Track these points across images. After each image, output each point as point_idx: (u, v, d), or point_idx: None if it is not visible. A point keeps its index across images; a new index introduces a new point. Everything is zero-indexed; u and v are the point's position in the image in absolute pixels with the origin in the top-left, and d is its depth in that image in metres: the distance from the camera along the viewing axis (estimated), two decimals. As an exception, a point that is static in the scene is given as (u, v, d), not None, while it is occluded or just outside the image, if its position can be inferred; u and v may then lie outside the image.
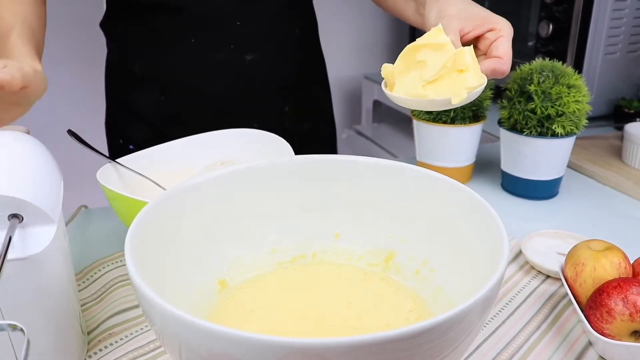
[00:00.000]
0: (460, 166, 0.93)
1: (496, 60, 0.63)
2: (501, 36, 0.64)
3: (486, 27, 0.65)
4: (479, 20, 0.65)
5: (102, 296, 0.64)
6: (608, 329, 0.53)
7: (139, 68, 0.96)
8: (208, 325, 0.34)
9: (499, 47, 0.64)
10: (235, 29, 0.90)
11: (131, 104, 1.00)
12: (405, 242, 0.57)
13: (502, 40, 0.64)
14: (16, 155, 0.48)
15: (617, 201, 0.91)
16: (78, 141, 0.76)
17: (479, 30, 0.65)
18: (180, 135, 0.83)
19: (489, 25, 0.65)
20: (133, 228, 0.45)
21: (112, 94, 1.04)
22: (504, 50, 0.63)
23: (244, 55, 0.93)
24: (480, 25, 0.65)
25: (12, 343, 0.45)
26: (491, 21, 0.65)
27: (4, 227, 0.44)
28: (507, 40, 0.64)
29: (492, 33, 0.65)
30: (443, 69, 0.60)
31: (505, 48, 0.63)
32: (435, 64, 0.60)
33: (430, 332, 0.35)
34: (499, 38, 0.64)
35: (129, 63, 0.97)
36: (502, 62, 0.63)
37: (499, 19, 0.66)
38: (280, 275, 0.58)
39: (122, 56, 0.99)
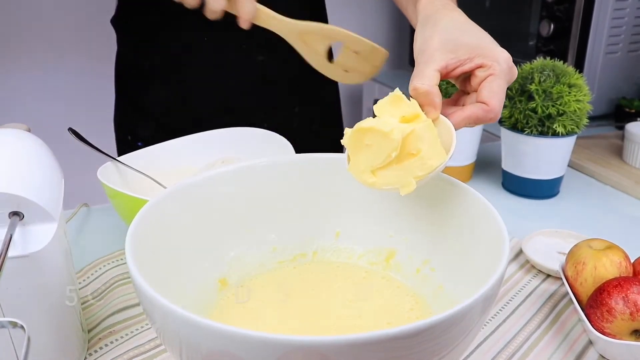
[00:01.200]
0: (461, 165, 0.93)
1: (480, 107, 0.52)
2: (491, 75, 0.52)
3: (475, 63, 0.53)
4: (466, 54, 0.54)
5: (103, 294, 0.64)
6: (608, 328, 0.53)
7: (150, 65, 0.96)
8: (209, 323, 0.34)
9: (486, 89, 0.52)
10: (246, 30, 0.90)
11: (141, 101, 1.00)
12: (405, 241, 0.57)
13: (491, 80, 0.52)
14: (17, 153, 0.48)
15: (617, 200, 0.91)
16: (79, 139, 0.76)
17: (466, 67, 0.54)
18: (189, 134, 0.84)
19: (479, 61, 0.53)
20: (134, 226, 0.45)
21: (121, 91, 1.04)
22: (490, 95, 0.51)
23: (255, 55, 0.93)
24: (469, 60, 0.53)
25: (12, 341, 0.45)
26: (482, 55, 0.53)
27: (4, 225, 0.44)
28: (497, 80, 0.52)
29: (482, 70, 0.53)
30: (387, 158, 0.50)
31: (493, 91, 0.52)
32: (380, 152, 0.50)
33: (431, 330, 0.35)
34: (488, 77, 0.53)
35: (139, 60, 0.97)
36: (486, 110, 0.51)
37: (492, 52, 0.53)
38: (280, 274, 0.58)
39: (133, 53, 0.99)
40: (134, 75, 1.00)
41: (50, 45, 1.98)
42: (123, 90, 1.03)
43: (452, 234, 0.53)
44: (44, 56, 1.99)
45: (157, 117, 0.99)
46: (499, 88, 0.52)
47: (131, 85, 1.01)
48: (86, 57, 1.99)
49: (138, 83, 0.99)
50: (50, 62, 2.01)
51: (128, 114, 1.04)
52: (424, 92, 0.51)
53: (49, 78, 2.02)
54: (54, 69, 2.02)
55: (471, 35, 0.55)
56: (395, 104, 0.51)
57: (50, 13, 1.95)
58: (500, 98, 0.52)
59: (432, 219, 0.55)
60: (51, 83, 2.03)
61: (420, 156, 0.49)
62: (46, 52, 1.99)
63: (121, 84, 1.03)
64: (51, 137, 0.70)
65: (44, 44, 1.98)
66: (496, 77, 0.52)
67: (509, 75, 0.54)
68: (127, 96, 1.03)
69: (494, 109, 0.51)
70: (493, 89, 0.52)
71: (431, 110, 0.51)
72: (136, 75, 0.99)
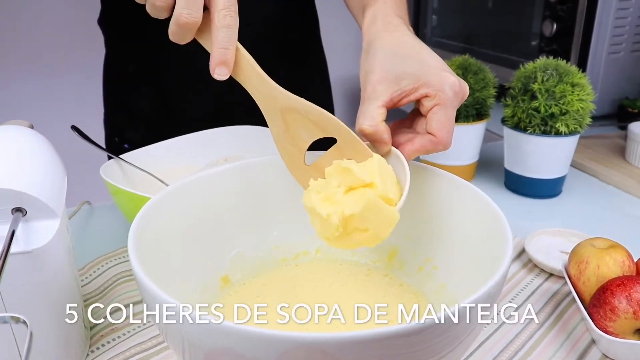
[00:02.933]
0: (464, 164, 0.93)
1: (428, 139, 0.50)
2: (437, 105, 0.50)
3: (419, 94, 0.50)
4: (410, 84, 0.51)
5: (105, 291, 0.64)
6: (611, 327, 0.53)
7: (135, 66, 0.96)
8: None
9: (433, 121, 0.50)
10: None
11: (127, 103, 1.00)
12: (408, 239, 0.57)
13: (437, 111, 0.50)
14: (20, 149, 0.48)
15: (620, 200, 0.91)
16: (82, 137, 0.76)
17: (411, 97, 0.51)
18: (176, 135, 0.83)
19: (424, 91, 0.50)
20: (136, 223, 0.45)
21: (109, 92, 1.03)
22: (437, 126, 0.50)
23: None
24: (413, 90, 0.51)
25: (14, 336, 0.45)
26: (426, 84, 0.50)
27: (7, 221, 0.44)
28: (443, 110, 0.50)
29: (428, 100, 0.50)
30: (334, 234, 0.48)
31: (440, 122, 0.50)
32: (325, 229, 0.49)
33: (434, 328, 0.35)
34: (434, 107, 0.50)
35: (124, 61, 0.97)
36: (434, 142, 0.50)
37: (437, 80, 0.50)
38: (283, 271, 0.58)
39: (118, 54, 0.99)
40: (119, 76, 0.99)
41: (54, 43, 1.99)
42: (110, 92, 1.03)
43: (454, 232, 0.53)
44: (47, 54, 1.99)
45: (142, 118, 0.99)
46: (446, 117, 0.50)
47: (117, 87, 1.01)
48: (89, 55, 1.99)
49: (123, 84, 0.99)
50: (54, 58, 2.01)
51: (116, 115, 1.03)
52: (371, 132, 0.51)
53: (53, 74, 2.03)
54: (58, 65, 2.02)
55: (414, 62, 0.52)
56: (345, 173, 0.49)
57: (54, 11, 1.95)
58: (448, 128, 0.50)
59: (434, 217, 0.55)
60: (55, 80, 2.03)
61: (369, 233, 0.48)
62: (50, 48, 1.99)
63: (108, 85, 1.03)
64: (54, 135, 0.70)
65: (47, 42, 1.98)
66: (442, 107, 0.50)
67: (457, 101, 0.51)
68: (114, 97, 1.02)
69: (442, 141, 0.50)
70: (440, 120, 0.50)
71: (382, 147, 0.51)
72: (122, 77, 0.99)
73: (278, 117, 0.51)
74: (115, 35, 0.98)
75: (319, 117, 0.50)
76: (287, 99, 0.50)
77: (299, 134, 0.51)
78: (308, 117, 0.50)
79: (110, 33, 0.98)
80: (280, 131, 0.51)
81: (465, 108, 0.89)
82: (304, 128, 0.51)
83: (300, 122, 0.51)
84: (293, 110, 0.50)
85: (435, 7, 1.94)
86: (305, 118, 0.50)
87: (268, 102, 0.50)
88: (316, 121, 0.50)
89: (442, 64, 0.52)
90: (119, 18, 0.95)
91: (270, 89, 0.50)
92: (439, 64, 0.52)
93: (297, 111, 0.50)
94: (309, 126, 0.51)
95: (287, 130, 0.51)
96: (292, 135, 0.51)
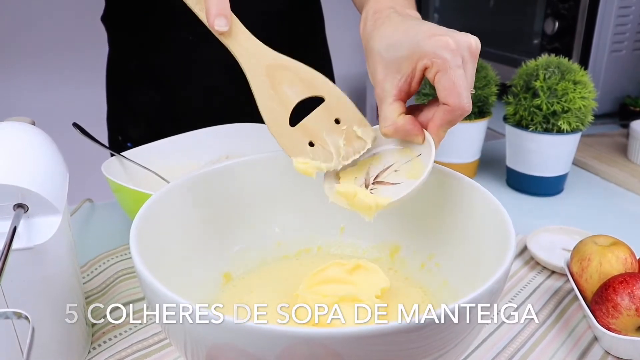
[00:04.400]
0: (465, 162, 0.93)
1: (443, 110, 0.48)
2: (437, 72, 0.47)
3: (419, 70, 0.48)
4: (409, 66, 0.48)
5: (107, 289, 0.64)
6: (614, 324, 0.53)
7: (137, 64, 0.96)
8: (213, 315, 0.34)
9: (439, 90, 0.47)
10: None
11: (130, 101, 1.00)
12: (410, 236, 0.57)
13: (439, 78, 0.47)
14: (22, 145, 0.48)
15: (622, 198, 0.90)
16: (83, 134, 0.76)
17: (416, 78, 0.49)
18: (178, 133, 0.83)
19: (421, 65, 0.48)
20: (138, 219, 0.45)
21: (111, 90, 1.03)
22: (445, 93, 0.47)
23: None
24: (412, 71, 0.49)
25: (16, 333, 0.45)
26: (420, 57, 0.47)
27: (9, 217, 0.44)
28: (444, 75, 0.47)
29: (429, 71, 0.48)
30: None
31: (447, 88, 0.47)
32: None
33: (437, 323, 0.35)
34: (436, 76, 0.47)
35: (127, 59, 0.97)
36: (449, 111, 0.47)
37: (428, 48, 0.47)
38: (284, 269, 0.58)
39: (121, 52, 0.99)
40: (122, 74, 0.99)
41: (57, 40, 1.99)
42: (113, 90, 1.03)
43: (457, 229, 0.53)
44: (49, 51, 1.99)
45: (145, 116, 0.99)
46: (450, 82, 0.46)
47: (119, 84, 1.01)
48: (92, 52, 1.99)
49: (125, 82, 0.99)
50: (56, 55, 2.01)
51: (118, 113, 1.03)
52: (393, 132, 0.50)
53: (55, 71, 2.03)
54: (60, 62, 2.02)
55: (404, 43, 0.49)
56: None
57: (57, 7, 1.95)
58: (457, 91, 0.46)
59: (437, 214, 0.55)
60: (57, 77, 2.03)
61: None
62: (52, 44, 1.99)
63: (110, 82, 1.03)
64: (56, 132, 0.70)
65: (50, 38, 1.98)
66: (443, 72, 0.47)
67: (457, 59, 0.47)
68: (116, 95, 1.02)
69: (456, 106, 0.47)
70: (445, 86, 0.47)
71: (413, 139, 0.50)
72: (125, 75, 0.99)
73: (262, 73, 0.49)
74: (119, 33, 0.98)
75: (308, 74, 0.49)
76: (275, 55, 0.49)
77: (284, 92, 0.49)
78: (298, 74, 0.49)
79: (114, 30, 0.98)
80: (264, 87, 0.49)
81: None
82: (291, 86, 0.49)
83: (288, 79, 0.49)
84: (281, 67, 0.49)
85: (437, 6, 1.94)
86: (294, 75, 0.49)
87: (253, 59, 0.49)
88: (305, 78, 0.49)
89: (433, 29, 0.48)
90: (123, 16, 0.95)
91: (257, 45, 0.49)
92: (430, 29, 0.48)
93: (286, 67, 0.49)
94: (297, 84, 0.49)
95: (272, 88, 0.49)
96: (277, 92, 0.49)
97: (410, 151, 0.51)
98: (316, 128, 0.50)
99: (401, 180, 0.50)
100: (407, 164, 0.51)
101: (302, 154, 0.49)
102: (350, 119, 0.50)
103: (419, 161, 0.50)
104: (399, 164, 0.51)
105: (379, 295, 0.49)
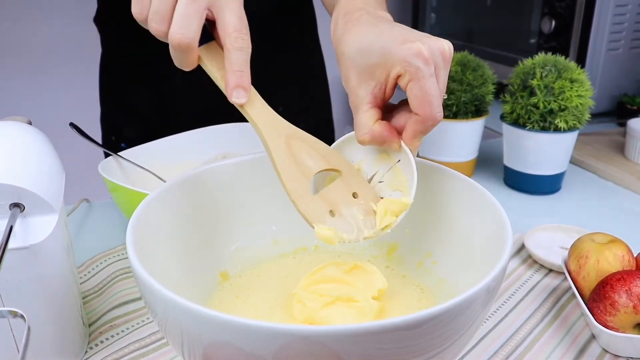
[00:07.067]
0: (463, 161, 0.93)
1: (415, 120, 0.47)
2: (410, 80, 0.46)
3: (392, 77, 0.47)
4: (382, 73, 0.47)
5: (104, 289, 0.64)
6: (612, 322, 0.53)
7: (130, 64, 0.95)
8: (210, 313, 0.34)
9: (411, 99, 0.46)
10: None
11: (124, 101, 1.00)
12: (408, 234, 0.57)
13: (411, 87, 0.46)
14: (18, 144, 0.47)
15: (619, 196, 0.90)
16: (80, 134, 0.76)
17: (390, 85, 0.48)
18: (173, 133, 0.83)
19: (394, 72, 0.47)
20: (134, 218, 0.45)
21: (105, 91, 1.03)
22: (416, 103, 0.46)
23: None
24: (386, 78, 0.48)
25: (12, 332, 0.45)
26: (392, 64, 0.46)
27: (5, 216, 0.44)
28: (416, 84, 0.45)
29: (402, 79, 0.46)
30: None
31: (418, 98, 0.45)
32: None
33: (433, 321, 0.35)
34: (408, 84, 0.46)
35: (120, 60, 0.97)
36: (420, 121, 0.46)
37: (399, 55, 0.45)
38: (282, 267, 0.58)
39: (113, 53, 0.98)
40: (116, 75, 0.99)
41: (53, 40, 1.98)
42: (107, 91, 1.03)
43: (454, 227, 0.53)
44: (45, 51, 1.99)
45: (138, 117, 0.99)
46: (421, 91, 0.45)
47: (114, 86, 1.00)
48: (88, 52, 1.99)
49: (120, 83, 0.99)
50: (51, 56, 2.01)
51: (112, 114, 1.03)
52: (370, 140, 0.49)
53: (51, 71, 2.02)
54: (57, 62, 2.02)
55: (376, 49, 0.47)
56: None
57: (53, 7, 1.95)
58: (428, 101, 0.45)
59: (434, 213, 0.55)
60: (54, 77, 2.03)
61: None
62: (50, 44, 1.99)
63: (105, 84, 1.03)
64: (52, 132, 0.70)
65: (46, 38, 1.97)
66: (415, 81, 0.45)
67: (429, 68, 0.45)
68: (110, 96, 1.02)
69: (427, 117, 0.46)
70: (417, 95, 0.46)
71: (389, 145, 0.50)
72: (118, 76, 0.99)
73: (282, 142, 0.49)
74: (111, 34, 0.97)
75: (324, 149, 0.50)
76: (291, 126, 0.50)
77: (304, 161, 0.49)
78: (313, 147, 0.50)
79: (106, 31, 0.98)
80: (285, 155, 0.49)
81: (464, 105, 0.89)
82: (310, 156, 0.49)
83: (305, 150, 0.49)
84: (298, 138, 0.49)
85: (433, 5, 1.94)
86: (310, 147, 0.50)
87: (272, 128, 0.49)
88: (321, 150, 0.50)
89: (405, 33, 0.47)
90: (114, 17, 0.95)
91: (274, 116, 0.49)
92: (402, 34, 0.47)
93: (303, 139, 0.50)
94: (314, 155, 0.50)
95: (292, 156, 0.49)
96: (297, 161, 0.49)
97: (389, 157, 0.51)
98: (336, 199, 0.50)
99: (388, 194, 0.51)
100: (388, 172, 0.51)
101: (323, 221, 0.49)
102: (367, 196, 0.51)
103: (399, 169, 0.50)
104: (381, 173, 0.52)
105: (376, 296, 0.49)
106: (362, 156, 0.53)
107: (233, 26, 0.46)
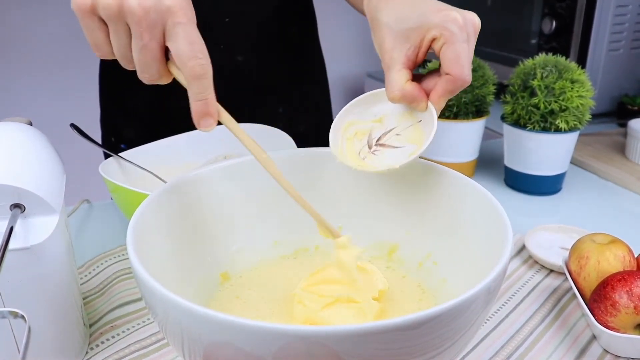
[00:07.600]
0: (463, 162, 0.93)
1: (446, 79, 0.50)
2: (444, 43, 0.50)
3: (427, 40, 0.51)
4: (418, 36, 0.51)
5: (104, 289, 0.64)
6: (612, 322, 0.53)
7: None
8: (210, 313, 0.34)
9: (444, 60, 0.50)
10: (224, 29, 0.89)
11: (123, 102, 0.99)
12: (408, 235, 0.57)
13: (445, 49, 0.50)
14: (18, 145, 0.48)
15: (620, 197, 0.90)
16: (81, 135, 0.76)
17: (423, 48, 0.52)
18: (173, 134, 0.83)
19: (429, 36, 0.51)
20: (135, 219, 0.45)
21: (104, 92, 1.03)
22: (449, 64, 0.50)
23: (234, 56, 0.91)
24: (421, 41, 0.51)
25: (13, 333, 0.45)
26: (429, 28, 0.50)
27: (6, 217, 0.44)
28: (450, 46, 0.50)
29: (436, 42, 0.51)
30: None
31: (452, 60, 0.50)
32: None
33: (433, 322, 0.35)
34: (442, 47, 0.50)
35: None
36: (451, 81, 0.50)
37: (438, 20, 0.50)
38: (282, 268, 0.58)
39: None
40: (116, 76, 0.99)
41: (53, 40, 1.98)
42: (106, 92, 1.03)
43: (455, 228, 0.53)
44: (46, 51, 1.99)
45: (138, 118, 0.99)
46: (455, 53, 0.49)
47: (113, 87, 1.00)
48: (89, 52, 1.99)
49: (120, 84, 0.99)
50: (52, 57, 2.01)
51: (111, 115, 1.03)
52: (400, 98, 0.52)
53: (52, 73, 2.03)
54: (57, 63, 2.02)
55: (414, 15, 0.52)
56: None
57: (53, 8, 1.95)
58: (460, 63, 0.49)
59: (435, 213, 0.55)
60: (54, 78, 2.03)
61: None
62: (49, 47, 1.99)
63: (104, 85, 1.02)
64: (53, 133, 0.70)
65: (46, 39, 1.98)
66: (449, 44, 0.50)
67: (463, 34, 0.50)
68: (110, 97, 1.02)
69: (458, 77, 0.50)
70: (450, 57, 0.50)
71: (418, 105, 0.53)
72: (118, 76, 0.98)
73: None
74: None
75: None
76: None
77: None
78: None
79: None
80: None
81: (464, 105, 0.89)
82: None
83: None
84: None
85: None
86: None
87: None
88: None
89: (439, 5, 0.52)
90: None
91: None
92: (439, 5, 0.52)
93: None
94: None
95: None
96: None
97: (411, 116, 0.54)
98: None
99: (403, 145, 0.53)
100: (408, 128, 0.54)
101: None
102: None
103: (419, 127, 0.53)
104: (401, 127, 0.54)
105: (377, 297, 0.49)
106: (386, 111, 0.55)
107: (186, 55, 0.46)
